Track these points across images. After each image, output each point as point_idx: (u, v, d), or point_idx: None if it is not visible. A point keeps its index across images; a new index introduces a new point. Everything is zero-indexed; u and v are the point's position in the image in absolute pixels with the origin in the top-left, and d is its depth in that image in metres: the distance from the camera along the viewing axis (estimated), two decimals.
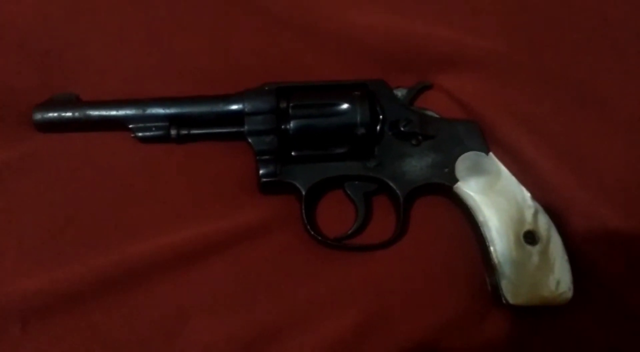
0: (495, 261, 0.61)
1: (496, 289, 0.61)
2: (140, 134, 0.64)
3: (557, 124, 0.68)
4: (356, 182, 0.65)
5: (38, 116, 0.64)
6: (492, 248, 0.61)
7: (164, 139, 0.65)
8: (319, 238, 0.64)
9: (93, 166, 0.65)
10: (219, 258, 0.64)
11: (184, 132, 0.65)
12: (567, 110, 0.68)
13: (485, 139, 0.65)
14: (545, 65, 0.70)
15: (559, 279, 0.60)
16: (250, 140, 0.64)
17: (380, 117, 0.65)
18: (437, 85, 0.70)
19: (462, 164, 0.64)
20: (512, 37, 0.71)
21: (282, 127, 0.63)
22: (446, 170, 0.64)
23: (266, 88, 0.65)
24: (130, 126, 0.64)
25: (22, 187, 0.64)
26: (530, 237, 0.61)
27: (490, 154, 0.65)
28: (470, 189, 0.63)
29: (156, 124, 0.64)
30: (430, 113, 0.67)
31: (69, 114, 0.64)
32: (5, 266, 0.61)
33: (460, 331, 0.63)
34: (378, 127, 0.64)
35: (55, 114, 0.64)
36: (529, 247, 0.61)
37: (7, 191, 0.64)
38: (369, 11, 0.71)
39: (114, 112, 0.64)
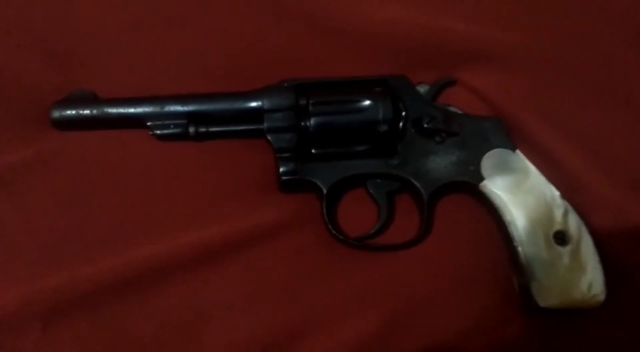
0: (524, 262, 0.59)
1: (525, 292, 0.59)
2: (158, 132, 0.63)
3: (584, 119, 0.66)
4: (378, 180, 0.63)
5: (56, 114, 0.63)
6: (520, 249, 0.59)
7: (182, 136, 0.64)
8: (341, 238, 0.62)
9: (111, 165, 0.65)
10: (237, 258, 0.62)
11: (203, 129, 0.64)
12: (593, 105, 0.66)
13: (511, 136, 0.63)
14: (571, 59, 0.68)
15: (591, 280, 0.58)
16: (269, 137, 0.63)
17: (403, 113, 0.63)
18: (460, 81, 0.68)
19: (488, 161, 0.62)
20: (537, 31, 0.69)
21: (302, 124, 0.62)
22: (472, 168, 0.62)
23: (285, 85, 0.64)
24: (149, 124, 0.63)
25: (41, 186, 0.63)
26: (561, 238, 0.59)
27: (517, 151, 0.63)
28: (497, 187, 0.61)
29: (174, 121, 0.63)
30: (453, 109, 0.65)
31: (86, 111, 0.63)
32: (25, 265, 0.61)
33: (485, 334, 0.61)
34: (400, 124, 0.63)
35: (73, 112, 0.63)
36: (559, 247, 0.58)
37: (26, 190, 0.63)
38: (389, 6, 0.70)
39: (132, 110, 0.63)
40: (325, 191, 0.62)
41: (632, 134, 0.65)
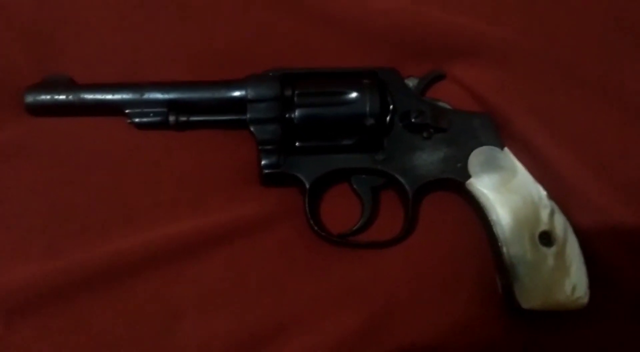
0: (508, 262, 0.58)
1: (508, 293, 0.58)
2: (137, 120, 0.61)
3: (574, 118, 0.65)
4: (363, 175, 0.62)
5: (30, 98, 0.61)
6: (504, 249, 0.58)
7: (162, 125, 0.62)
8: (323, 234, 0.61)
9: (86, 153, 0.63)
10: (216, 252, 0.61)
11: (183, 119, 0.62)
12: (584, 104, 0.65)
13: (500, 133, 0.62)
14: (563, 57, 0.67)
15: (575, 283, 0.57)
16: (252, 129, 0.61)
17: (391, 107, 0.61)
18: (451, 75, 0.67)
19: (475, 159, 0.61)
20: (530, 28, 0.68)
21: (287, 115, 0.60)
22: (459, 165, 0.61)
23: (270, 74, 0.62)
24: (127, 111, 0.61)
25: (11, 174, 0.61)
26: (546, 238, 0.58)
27: (506, 149, 0.61)
28: (484, 185, 0.60)
29: (154, 109, 0.61)
30: (442, 104, 0.64)
31: (62, 96, 0.61)
32: (7, 256, 0.59)
33: (467, 334, 0.61)
34: (388, 118, 0.61)
35: (48, 97, 0.61)
36: (544, 248, 0.58)
37: (7, 177, 0.61)
38: None
39: (109, 96, 0.61)
40: (308, 186, 0.60)
41: (621, 134, 0.64)
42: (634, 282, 0.60)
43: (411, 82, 0.64)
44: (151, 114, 0.61)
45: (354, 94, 0.60)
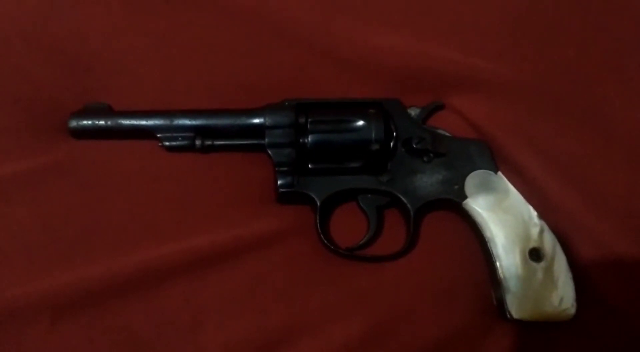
0: (501, 276, 0.63)
1: (501, 304, 0.63)
2: (167, 144, 0.68)
3: (563, 145, 0.70)
4: (369, 195, 0.68)
5: (73, 123, 0.68)
6: (498, 264, 0.63)
7: (189, 148, 0.68)
8: (332, 248, 0.67)
9: (121, 172, 0.69)
10: (235, 263, 0.67)
11: (208, 142, 0.69)
12: (573, 132, 0.71)
13: (494, 158, 0.68)
14: (553, 89, 0.73)
15: (562, 295, 0.62)
16: (270, 152, 0.67)
17: (394, 134, 0.68)
18: (450, 105, 0.73)
19: (471, 181, 0.67)
20: (522, 62, 0.74)
21: (301, 140, 0.67)
22: (456, 187, 0.66)
23: (286, 104, 0.69)
24: (158, 135, 0.68)
25: (56, 190, 0.68)
26: (536, 254, 0.63)
27: (499, 173, 0.67)
28: (479, 205, 0.65)
29: (182, 134, 0.68)
30: (442, 132, 0.70)
31: (102, 122, 0.68)
32: (38, 263, 0.65)
33: (464, 344, 0.65)
34: (392, 144, 0.68)
35: (90, 122, 0.68)
36: (534, 263, 0.63)
37: (43, 193, 0.68)
38: (386, 33, 0.75)
39: (143, 122, 0.68)
40: (319, 204, 0.66)
41: (607, 160, 0.70)
42: (617, 295, 0.65)
43: (413, 112, 0.71)
44: (180, 138, 0.68)
45: (361, 122, 0.66)
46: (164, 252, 0.66)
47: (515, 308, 0.62)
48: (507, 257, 0.63)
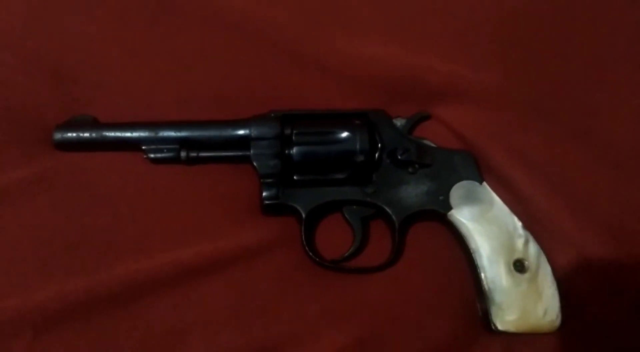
0: (486, 287, 0.63)
1: (486, 315, 0.63)
2: (152, 156, 0.68)
3: (548, 156, 0.70)
4: (354, 206, 0.68)
5: (58, 136, 0.68)
6: (482, 275, 0.63)
7: (174, 160, 0.68)
8: (317, 260, 0.66)
9: (106, 184, 0.69)
10: (220, 276, 0.66)
11: (193, 154, 0.68)
12: (558, 143, 0.71)
13: (479, 169, 0.68)
14: (538, 98, 0.73)
15: (547, 307, 0.62)
16: (255, 163, 0.67)
17: (379, 145, 0.68)
18: (435, 115, 0.73)
19: (456, 192, 0.67)
20: (507, 71, 0.74)
21: (286, 152, 0.67)
22: (441, 198, 0.66)
23: (272, 115, 0.69)
24: (143, 147, 0.68)
25: (40, 202, 0.68)
26: (520, 266, 0.63)
27: (484, 183, 0.67)
28: (463, 216, 0.65)
29: (167, 146, 0.68)
30: (427, 142, 0.70)
31: (86, 134, 0.68)
32: (21, 276, 0.65)
33: None
34: (376, 155, 0.68)
35: (74, 134, 0.68)
36: (518, 275, 0.63)
37: (27, 206, 0.67)
38: (372, 43, 0.75)
39: (128, 134, 0.68)
40: (304, 215, 0.66)
41: (592, 171, 0.70)
42: (601, 306, 0.65)
43: (399, 122, 0.71)
44: (165, 150, 0.68)
45: (345, 134, 0.66)
46: (149, 264, 0.66)
47: (499, 320, 0.62)
48: (492, 269, 0.63)
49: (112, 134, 0.68)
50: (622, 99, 0.73)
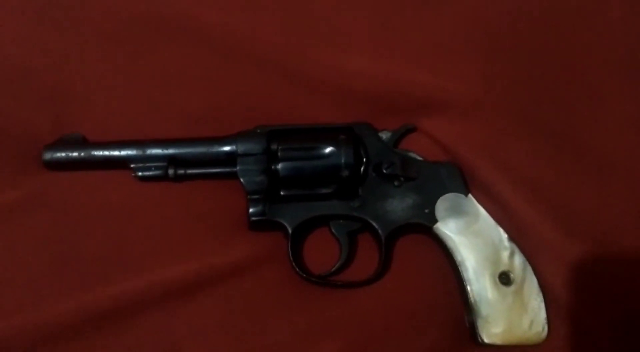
0: (472, 300, 0.63)
1: (473, 328, 0.63)
2: (140, 174, 0.69)
3: (533, 167, 0.71)
4: (341, 221, 0.68)
5: (47, 156, 0.69)
6: (469, 287, 0.63)
7: (162, 178, 0.69)
8: (304, 275, 0.67)
9: (95, 203, 0.70)
10: (209, 292, 0.67)
11: (181, 171, 0.69)
12: (543, 154, 0.71)
13: (465, 181, 0.68)
14: (523, 109, 0.73)
15: (532, 319, 0.62)
16: (242, 180, 0.68)
17: (364, 159, 0.68)
18: (421, 127, 0.73)
19: (441, 205, 0.67)
20: (492, 83, 0.74)
21: (272, 167, 0.67)
22: (426, 211, 0.67)
23: (258, 131, 0.69)
24: (132, 166, 0.69)
25: (29, 223, 0.68)
26: (506, 278, 0.63)
27: (470, 195, 0.67)
28: (449, 229, 0.66)
29: (155, 164, 0.69)
30: (412, 155, 0.70)
31: (75, 154, 0.69)
32: (10, 299, 0.65)
33: None
34: (362, 169, 0.68)
35: (63, 154, 0.69)
36: (503, 287, 0.63)
37: (15, 226, 0.68)
38: (357, 57, 0.75)
39: (116, 153, 0.69)
40: (290, 231, 0.67)
41: (576, 182, 0.70)
42: (590, 317, 0.65)
43: (384, 135, 0.71)
44: (153, 168, 0.69)
45: (330, 149, 0.67)
46: (138, 283, 0.66)
47: (485, 333, 0.62)
48: (478, 281, 0.63)
49: (100, 153, 0.69)
50: (607, 110, 0.73)
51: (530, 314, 0.62)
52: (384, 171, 0.67)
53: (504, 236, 0.65)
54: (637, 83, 0.74)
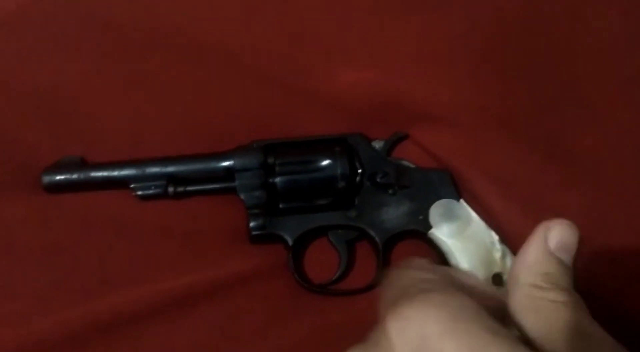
0: None
1: None
2: (140, 193, 0.70)
3: (523, 176, 0.73)
4: (339, 231, 0.71)
5: (47, 179, 0.70)
6: None
7: (162, 196, 0.71)
8: (305, 285, 0.69)
9: (96, 222, 0.71)
10: (210, 304, 0.68)
11: (180, 189, 0.71)
12: (533, 163, 0.73)
13: (456, 187, 0.71)
14: (514, 119, 0.75)
15: None
16: (241, 195, 0.70)
17: (359, 170, 0.71)
18: (413, 136, 0.75)
19: (435, 211, 0.69)
20: (482, 93, 0.76)
21: (270, 181, 0.69)
22: (421, 217, 0.69)
23: (255, 145, 0.71)
24: (132, 186, 0.70)
25: (31, 238, 0.69)
26: (499, 279, 0.66)
27: (461, 200, 0.70)
28: (443, 234, 0.68)
29: (155, 182, 0.70)
30: (406, 163, 0.72)
31: (74, 176, 0.70)
32: (14, 311, 0.66)
33: None
34: (357, 179, 0.70)
35: (63, 177, 0.70)
36: (497, 288, 0.66)
37: (17, 243, 0.69)
38: (354, 69, 0.77)
39: (115, 173, 0.70)
40: (291, 243, 0.69)
41: (566, 191, 0.71)
42: None
43: (377, 144, 0.73)
44: (152, 187, 0.70)
45: (326, 161, 0.69)
46: (139, 295, 0.67)
47: None
48: None
49: (99, 174, 0.70)
50: (598, 119, 0.74)
51: None
52: (378, 181, 0.70)
53: (496, 238, 0.68)
54: (631, 93, 0.75)
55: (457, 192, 0.71)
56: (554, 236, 0.46)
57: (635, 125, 0.74)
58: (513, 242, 0.69)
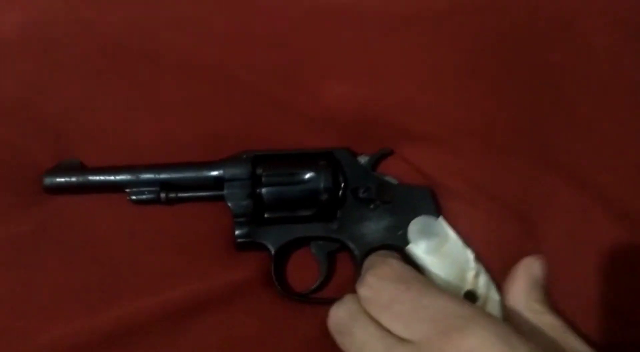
0: None
1: None
2: (134, 197, 0.74)
3: (509, 189, 0.75)
4: (320, 242, 0.73)
5: (48, 181, 0.73)
6: None
7: (155, 201, 0.74)
8: (285, 293, 0.72)
9: (94, 229, 0.74)
10: (204, 314, 0.71)
11: (172, 195, 0.74)
12: (520, 176, 0.75)
13: (437, 204, 0.73)
14: (500, 134, 0.77)
15: None
16: (229, 203, 0.73)
17: (342, 184, 0.73)
18: (399, 152, 0.77)
19: (413, 227, 0.72)
20: (469, 108, 0.78)
21: (257, 191, 0.72)
22: (399, 232, 0.72)
23: (244, 156, 0.74)
24: (127, 190, 0.74)
25: (33, 252, 0.72)
26: (471, 297, 0.68)
27: (440, 218, 0.72)
28: (420, 250, 0.71)
29: (148, 188, 0.74)
30: (389, 179, 0.75)
31: (74, 178, 0.74)
32: (17, 325, 0.69)
33: None
34: (340, 193, 0.73)
35: (63, 180, 0.74)
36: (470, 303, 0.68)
37: (21, 257, 0.72)
38: (342, 84, 0.79)
39: (112, 178, 0.74)
40: (273, 252, 0.72)
41: (553, 204, 0.74)
42: None
43: (363, 159, 0.76)
44: (146, 192, 0.74)
45: (310, 174, 0.72)
46: (141, 304, 0.70)
47: None
48: None
49: (96, 178, 0.74)
50: (586, 133, 0.76)
51: None
52: (360, 195, 0.72)
53: (471, 257, 0.70)
54: (619, 105, 0.76)
55: (437, 209, 0.73)
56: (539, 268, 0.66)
57: (622, 137, 0.76)
58: (499, 254, 0.70)
